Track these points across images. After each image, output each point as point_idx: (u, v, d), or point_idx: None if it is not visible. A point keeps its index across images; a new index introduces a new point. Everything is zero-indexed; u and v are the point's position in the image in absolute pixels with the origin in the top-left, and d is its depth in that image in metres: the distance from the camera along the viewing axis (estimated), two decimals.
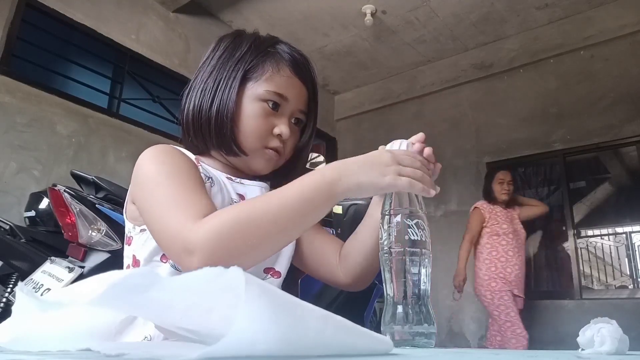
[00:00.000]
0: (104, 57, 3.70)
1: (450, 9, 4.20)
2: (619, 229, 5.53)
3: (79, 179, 2.06)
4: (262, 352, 0.29)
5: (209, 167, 0.80)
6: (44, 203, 2.07)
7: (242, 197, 0.79)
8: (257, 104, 0.78)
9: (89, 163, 3.24)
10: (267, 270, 0.81)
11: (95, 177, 2.00)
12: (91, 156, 3.31)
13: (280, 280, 0.82)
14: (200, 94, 0.79)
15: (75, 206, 1.79)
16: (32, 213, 2.14)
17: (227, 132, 0.78)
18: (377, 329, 0.55)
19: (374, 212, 0.77)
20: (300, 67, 0.82)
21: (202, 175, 0.74)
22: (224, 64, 0.80)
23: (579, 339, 0.50)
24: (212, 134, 0.79)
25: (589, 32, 4.18)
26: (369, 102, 5.50)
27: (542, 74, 4.44)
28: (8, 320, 0.38)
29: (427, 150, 0.71)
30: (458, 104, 4.85)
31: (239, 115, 0.78)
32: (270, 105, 0.79)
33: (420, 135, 0.72)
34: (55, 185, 1.88)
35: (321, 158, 2.33)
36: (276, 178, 0.86)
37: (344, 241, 0.84)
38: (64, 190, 1.83)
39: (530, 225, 4.73)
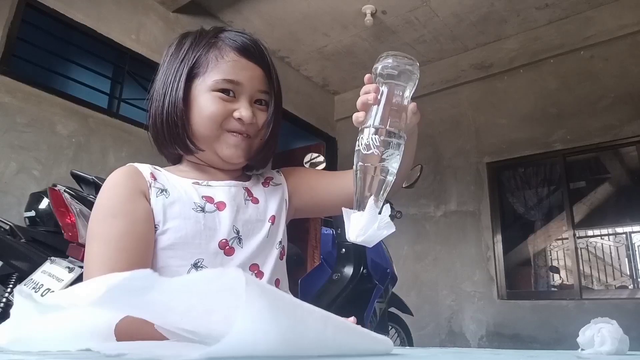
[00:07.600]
0: (104, 57, 3.70)
1: (450, 9, 4.20)
2: (619, 229, 5.54)
3: (79, 179, 2.07)
4: (262, 353, 0.29)
5: (173, 175, 0.79)
6: (44, 203, 2.07)
7: (210, 199, 0.77)
8: (209, 94, 0.77)
9: (89, 163, 3.24)
10: (253, 268, 0.79)
11: (95, 177, 2.00)
12: (91, 156, 3.31)
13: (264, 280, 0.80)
14: (155, 102, 0.80)
15: (75, 206, 1.79)
16: (32, 213, 2.14)
17: (180, 131, 0.77)
18: (377, 329, 0.55)
19: None
20: (247, 48, 0.79)
21: (155, 189, 0.74)
22: (169, 67, 0.80)
23: (579, 339, 0.50)
24: (167, 137, 0.78)
25: (589, 32, 4.17)
26: None
27: (542, 74, 4.44)
28: (7, 321, 0.38)
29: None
30: (458, 104, 4.85)
31: (191, 112, 0.77)
32: (224, 94, 0.77)
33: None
34: (55, 185, 1.88)
35: (321, 158, 2.31)
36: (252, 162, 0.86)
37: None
38: (64, 190, 1.83)
39: (530, 225, 4.74)
